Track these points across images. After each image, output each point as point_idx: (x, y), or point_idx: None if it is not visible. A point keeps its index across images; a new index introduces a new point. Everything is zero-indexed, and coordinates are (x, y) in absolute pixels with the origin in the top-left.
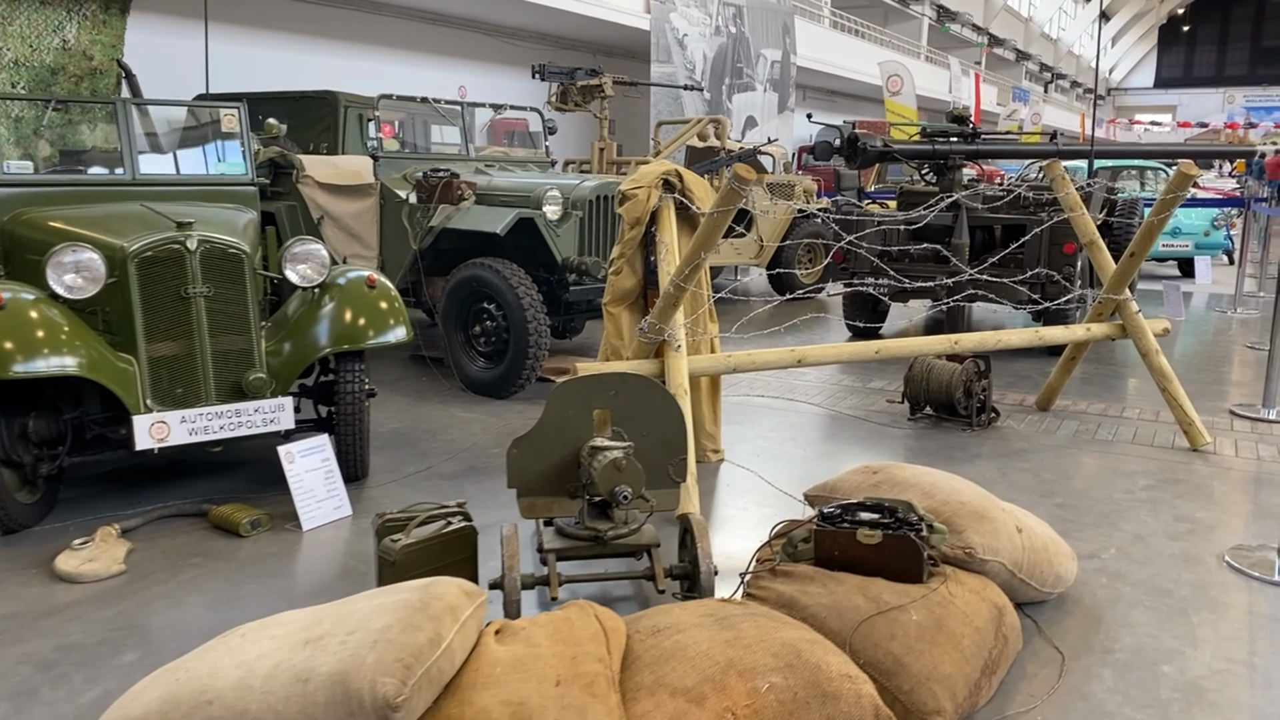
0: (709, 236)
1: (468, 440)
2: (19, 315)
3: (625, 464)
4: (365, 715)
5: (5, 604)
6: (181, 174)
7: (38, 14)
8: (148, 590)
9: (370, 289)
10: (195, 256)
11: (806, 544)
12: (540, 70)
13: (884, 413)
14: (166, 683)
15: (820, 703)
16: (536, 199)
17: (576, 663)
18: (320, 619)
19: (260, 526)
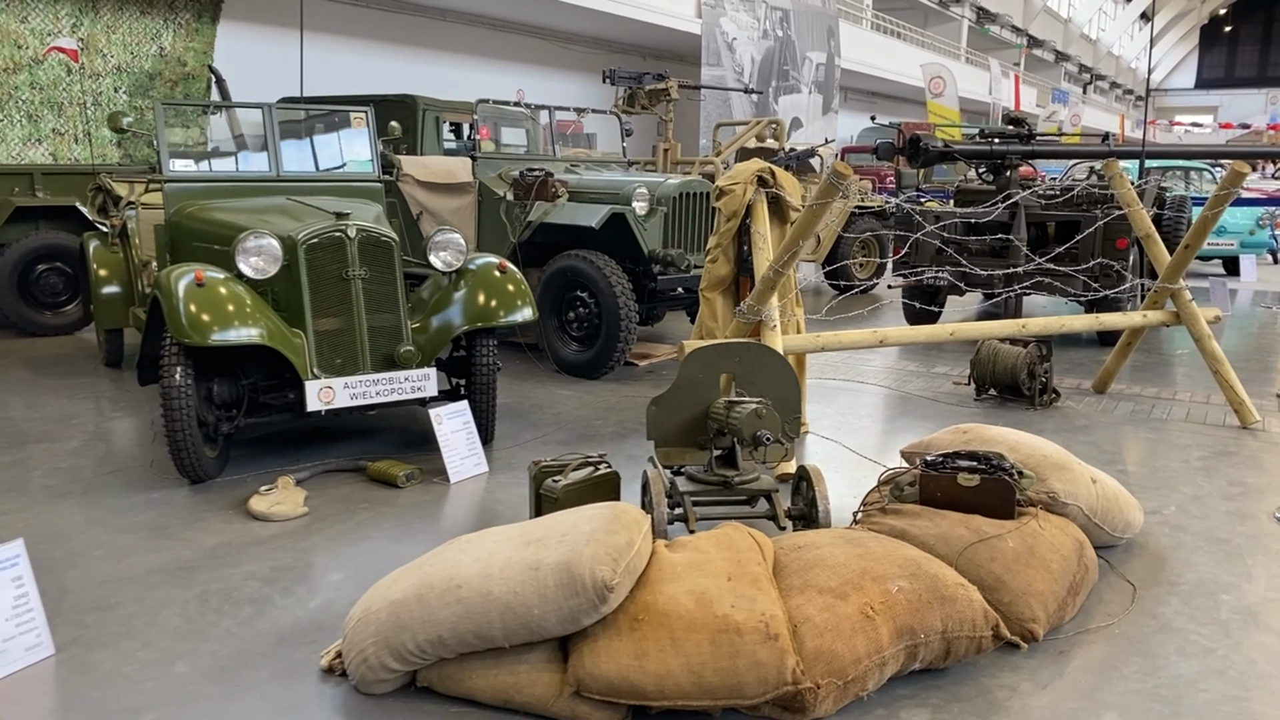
0: (807, 226)
1: (571, 414)
2: (215, 293)
3: (765, 412)
4: (587, 594)
5: (217, 536)
6: (319, 171)
7: (138, 23)
8: (331, 528)
9: (501, 274)
10: (354, 244)
11: (912, 487)
12: (610, 75)
13: (950, 394)
14: (414, 575)
15: (940, 604)
16: (626, 195)
17: (741, 565)
18: (532, 528)
19: (413, 479)
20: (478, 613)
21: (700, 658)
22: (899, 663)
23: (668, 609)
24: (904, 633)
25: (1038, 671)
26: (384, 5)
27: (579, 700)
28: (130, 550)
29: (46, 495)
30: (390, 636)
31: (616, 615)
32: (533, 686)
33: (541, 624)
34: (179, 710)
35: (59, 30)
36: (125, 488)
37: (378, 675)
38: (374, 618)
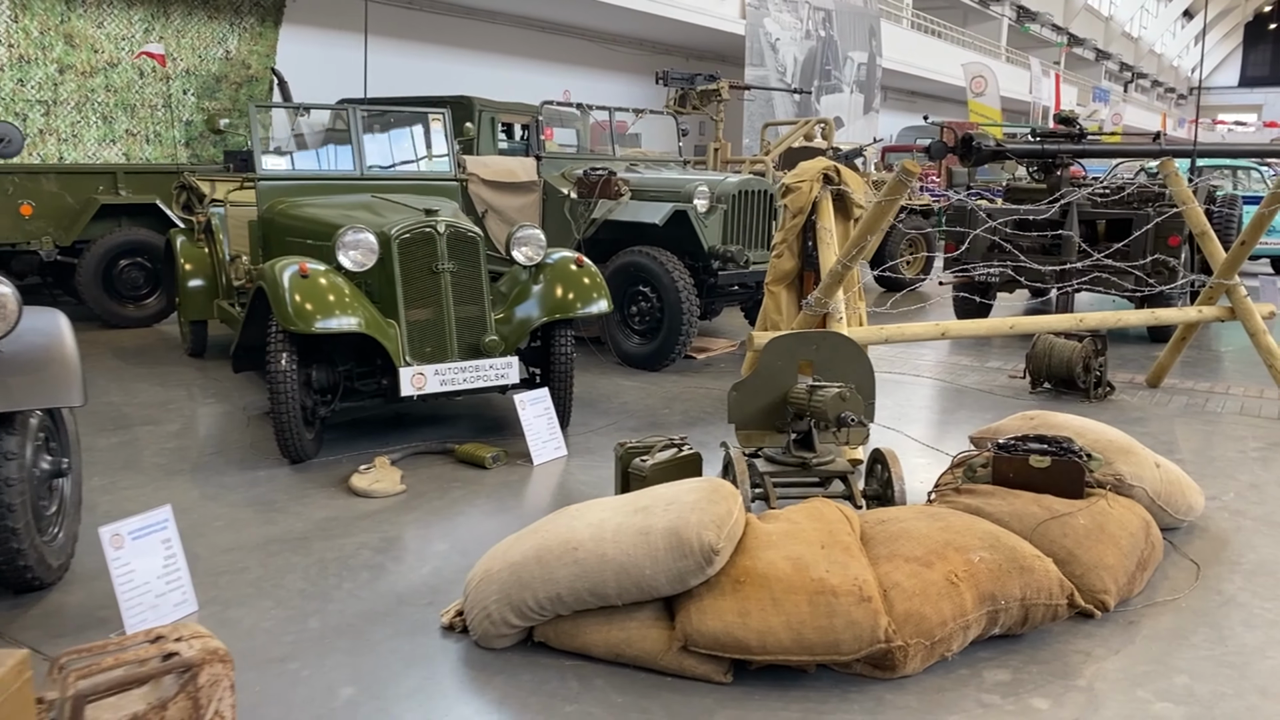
0: (876, 221)
1: (637, 403)
2: (317, 284)
3: (849, 395)
4: (694, 557)
5: (324, 510)
6: (399, 169)
7: (205, 27)
8: (429, 504)
9: (578, 268)
10: (444, 238)
11: (984, 469)
12: (663, 76)
13: (1006, 387)
14: (531, 540)
15: (1019, 573)
16: (687, 193)
17: (832, 534)
18: (637, 498)
19: (499, 461)
20: (594, 572)
21: (799, 616)
22: (980, 627)
23: (767, 572)
24: (986, 599)
25: (1109, 639)
26: (437, 8)
27: (686, 654)
28: (247, 522)
29: (160, 473)
30: (512, 594)
31: (719, 578)
32: (643, 641)
33: (652, 583)
34: (319, 660)
35: (132, 35)
36: (230, 466)
37: (499, 630)
38: (496, 577)
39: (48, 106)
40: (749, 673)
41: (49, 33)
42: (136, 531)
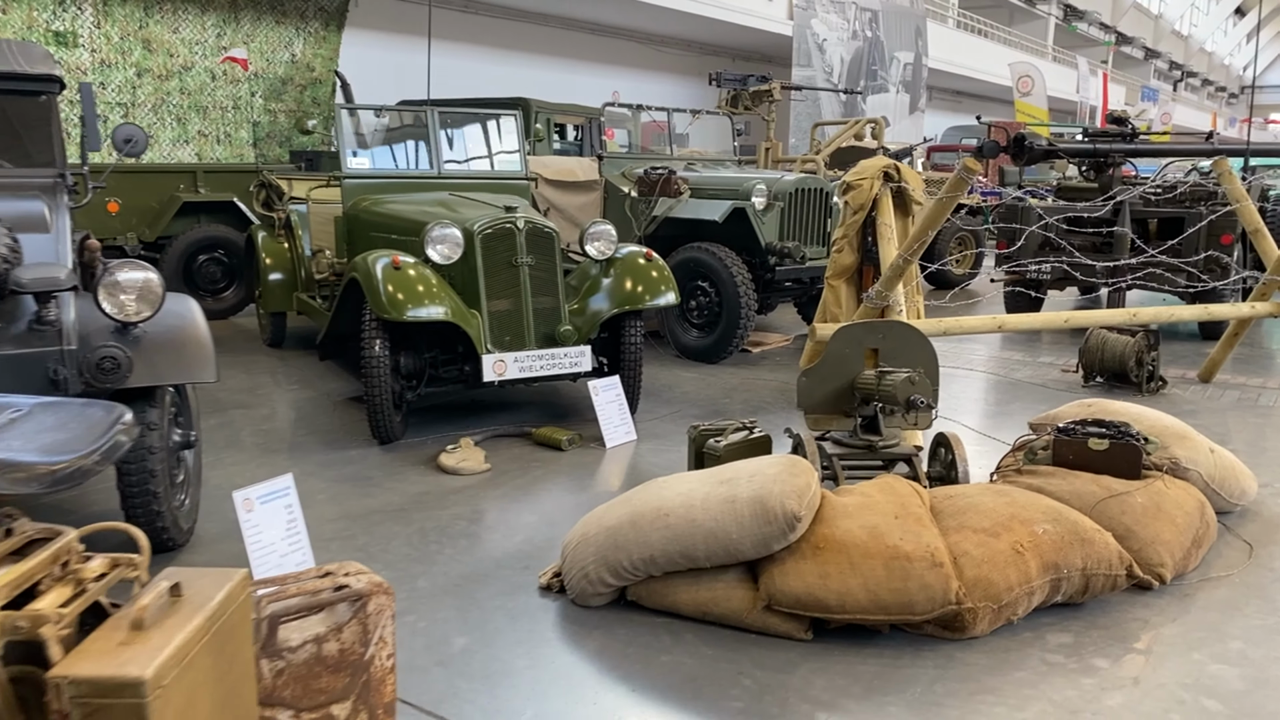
0: (937, 217)
1: (698, 393)
2: (408, 275)
3: (918, 379)
4: (778, 523)
5: (417, 485)
6: (474, 169)
7: (272, 32)
8: (513, 481)
9: (646, 262)
10: (523, 234)
11: (1045, 451)
12: (716, 78)
13: (1059, 380)
14: (623, 508)
15: (1081, 545)
16: (745, 191)
17: (905, 506)
18: (720, 472)
19: (574, 443)
20: (684, 536)
21: (876, 579)
22: (1044, 594)
23: (844, 539)
24: (1049, 568)
25: (1166, 609)
26: (492, 12)
27: (769, 613)
28: (347, 495)
29: (260, 451)
30: (609, 556)
31: (800, 544)
32: (728, 601)
33: (739, 547)
34: (431, 614)
35: (205, 39)
36: (323, 446)
37: (595, 589)
38: (592, 541)
39: (126, 109)
40: (827, 631)
41: (128, 38)
42: (264, 496)
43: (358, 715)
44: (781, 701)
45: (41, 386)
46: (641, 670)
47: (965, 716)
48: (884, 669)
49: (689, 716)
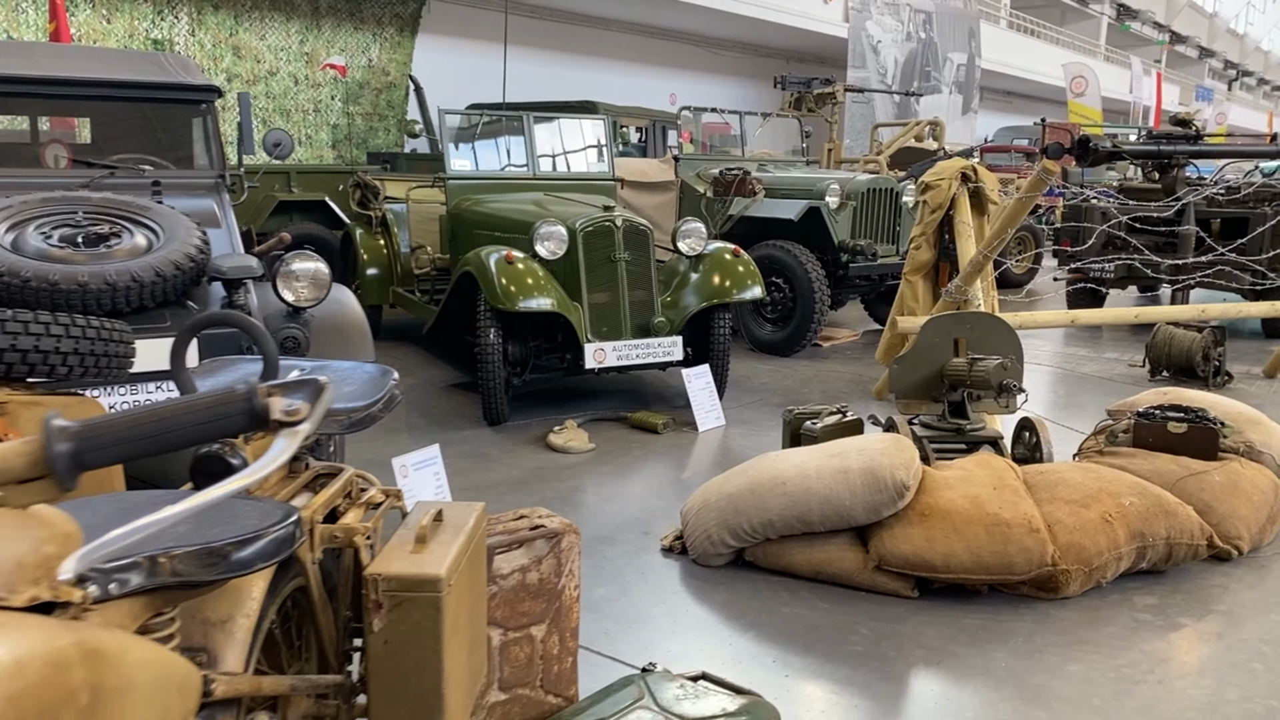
0: (1016, 215)
1: (776, 384)
2: (518, 269)
3: (1010, 365)
4: (888, 491)
5: (532, 461)
6: (566, 170)
7: (351, 38)
8: (617, 459)
9: (734, 257)
10: (620, 231)
11: (1125, 434)
12: (781, 80)
13: (1125, 375)
14: (741, 477)
15: (1164, 516)
16: (819, 191)
17: (1002, 479)
18: (828, 447)
19: (669, 427)
20: (800, 503)
21: (978, 542)
22: (1130, 560)
23: (948, 507)
24: (1135, 536)
25: (1244, 577)
26: (556, 17)
27: (879, 573)
28: (470, 469)
29: (382, 430)
30: (729, 520)
31: (906, 511)
32: (841, 561)
33: (851, 513)
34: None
35: (289, 45)
36: (438, 427)
37: (716, 550)
38: (714, 506)
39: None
40: (931, 590)
41: (220, 45)
42: (417, 464)
43: (551, 636)
44: (897, 647)
45: None
46: (766, 619)
47: (1064, 664)
48: (986, 622)
49: (814, 658)
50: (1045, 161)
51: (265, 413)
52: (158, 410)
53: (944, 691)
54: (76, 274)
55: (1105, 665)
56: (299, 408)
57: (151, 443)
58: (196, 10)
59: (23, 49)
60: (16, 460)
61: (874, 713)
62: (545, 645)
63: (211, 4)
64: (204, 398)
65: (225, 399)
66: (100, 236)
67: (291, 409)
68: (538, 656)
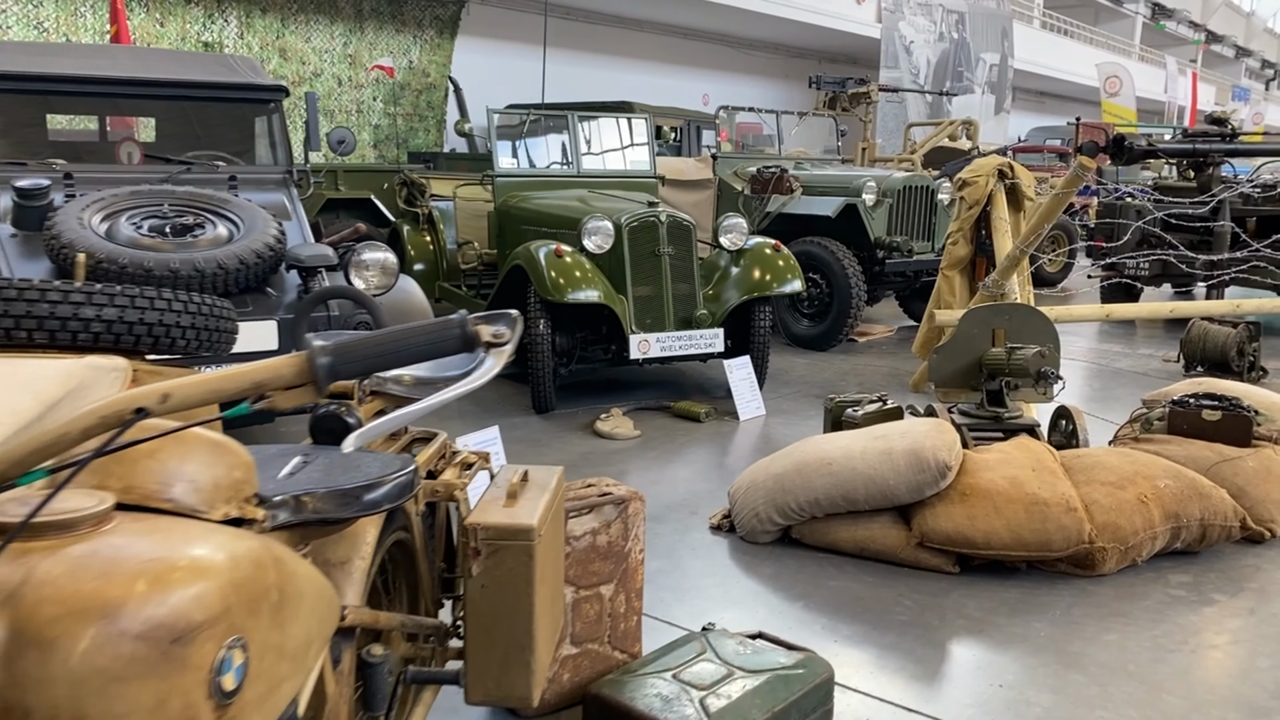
0: (1053, 211)
1: (813, 377)
2: (567, 262)
3: (1048, 353)
4: (931, 472)
5: (581, 447)
6: (609, 168)
7: (392, 40)
8: (662, 446)
9: (774, 252)
10: (664, 226)
11: (1160, 421)
12: (816, 80)
13: (1159, 370)
14: (787, 459)
15: (1199, 498)
16: (856, 188)
17: (1040, 461)
18: (872, 430)
19: (711, 416)
20: (846, 482)
21: (1018, 520)
22: (1165, 540)
23: (988, 488)
24: (1170, 516)
25: (1276, 558)
26: (591, 19)
27: (921, 549)
28: (523, 454)
29: (435, 419)
30: (777, 498)
31: (948, 491)
32: (884, 538)
33: (895, 492)
34: None
35: (333, 48)
36: (489, 415)
37: (764, 527)
38: (761, 485)
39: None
40: (970, 567)
41: (267, 47)
42: (478, 443)
43: (618, 596)
44: (940, 616)
45: None
46: (813, 591)
47: (1101, 633)
48: (1025, 595)
49: (861, 625)
50: (1081, 158)
51: (476, 337)
52: (391, 333)
53: (986, 656)
54: (168, 261)
55: (1140, 635)
56: (504, 332)
57: (386, 359)
58: (245, 14)
59: (104, 51)
60: (286, 369)
61: (919, 674)
62: (613, 604)
63: (259, 7)
64: (426, 324)
65: (444, 325)
66: (186, 227)
67: (499, 333)
68: (606, 614)
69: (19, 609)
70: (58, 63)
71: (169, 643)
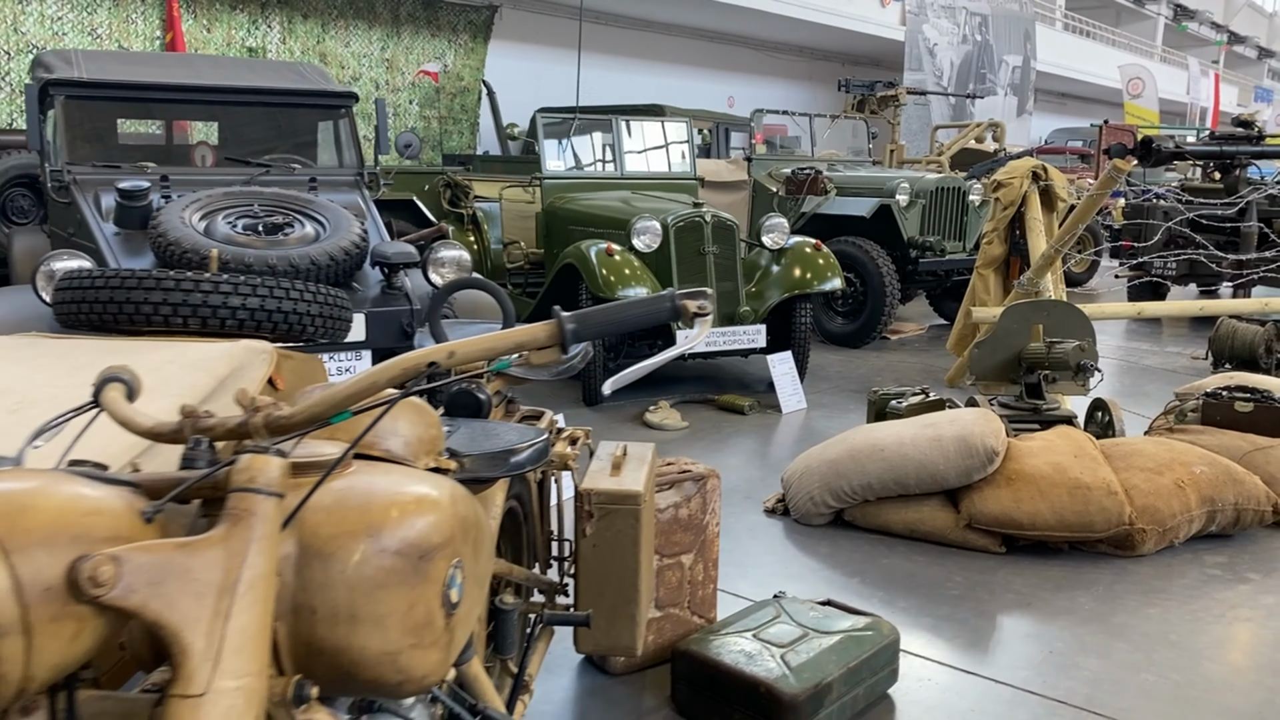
0: (1087, 212)
1: (849, 373)
2: (617, 260)
3: (1087, 347)
4: (979, 457)
5: (631, 437)
6: (651, 170)
7: (428, 44)
8: (710, 436)
9: (815, 251)
10: (709, 226)
11: (1194, 413)
12: (845, 84)
13: (1188, 367)
14: (839, 445)
15: (1233, 484)
16: (890, 189)
17: (1082, 448)
18: (921, 419)
19: (754, 409)
20: (897, 467)
21: (1061, 503)
22: (1201, 523)
23: (1033, 473)
24: (1206, 501)
25: None
26: (619, 23)
27: (969, 530)
28: None
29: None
30: (831, 482)
31: (995, 475)
32: (934, 520)
33: (944, 476)
34: None
35: (370, 52)
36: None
37: (818, 510)
38: (815, 470)
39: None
40: (1016, 547)
41: (308, 52)
42: None
43: (697, 565)
44: (989, 591)
45: (396, 337)
46: (868, 568)
47: (1143, 607)
48: (1069, 573)
49: (916, 598)
50: (1116, 161)
51: (684, 309)
52: (616, 305)
53: (1035, 626)
54: (266, 257)
55: (1180, 609)
56: (705, 304)
57: (613, 326)
58: (287, 20)
59: (184, 60)
60: (541, 333)
61: (974, 641)
62: (692, 572)
63: (301, 14)
64: (643, 299)
65: (658, 299)
66: (276, 226)
67: (702, 305)
68: (686, 581)
69: (304, 530)
70: (151, 71)
71: (417, 559)
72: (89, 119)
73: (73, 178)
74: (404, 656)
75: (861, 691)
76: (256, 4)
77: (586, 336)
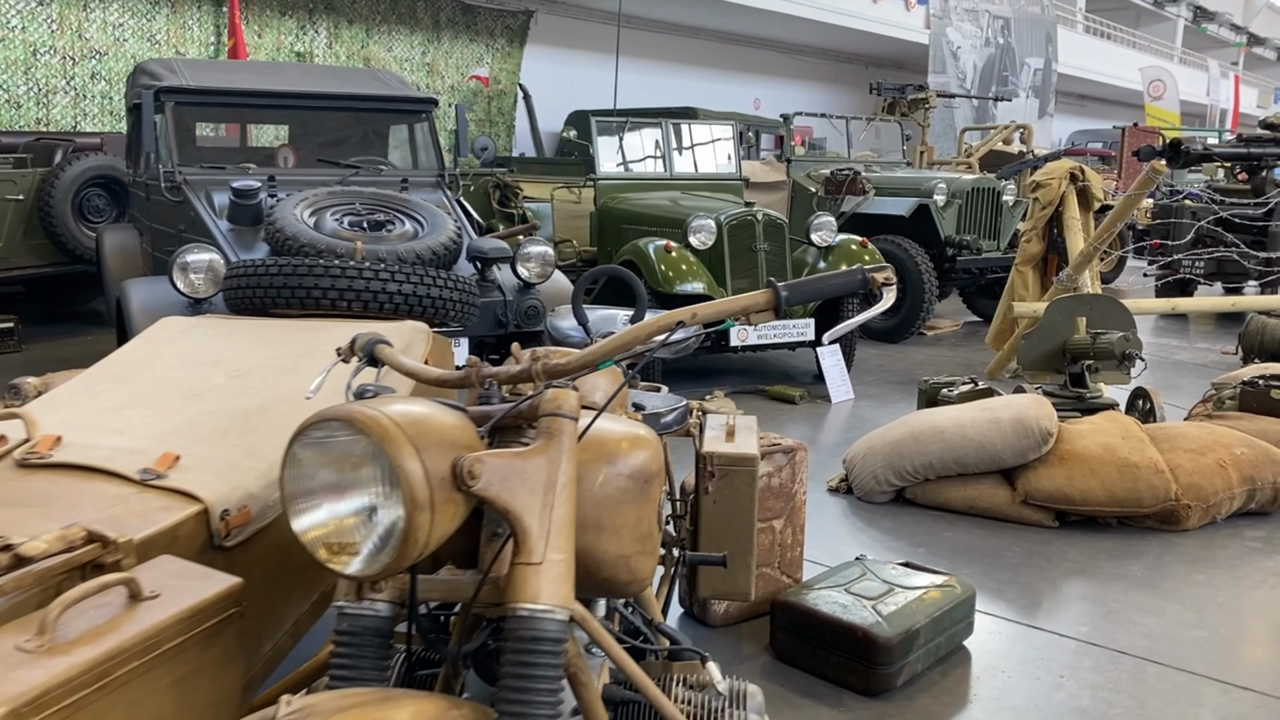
0: (1125, 211)
1: (890, 366)
2: (674, 256)
3: (1131, 338)
4: (1034, 437)
5: None
6: (699, 170)
7: (467, 49)
8: (765, 424)
9: (860, 247)
10: (760, 224)
11: (1232, 400)
12: (877, 87)
13: (1218, 362)
14: (901, 428)
15: (1271, 464)
16: (927, 189)
17: (1129, 431)
18: (976, 403)
19: (804, 399)
20: (957, 447)
21: (1111, 480)
22: (1241, 501)
23: (1084, 453)
24: (1246, 479)
25: None
26: (649, 27)
27: (1025, 506)
28: None
29: None
30: (894, 462)
31: (1048, 455)
32: (991, 497)
33: (1001, 456)
34: None
35: (411, 56)
36: None
37: (881, 488)
38: (878, 451)
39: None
40: (1067, 522)
41: (353, 57)
42: None
43: (787, 529)
44: (1046, 559)
45: (491, 325)
46: (932, 540)
47: (1190, 574)
48: (1119, 545)
49: (980, 566)
50: (1154, 163)
51: (874, 280)
52: (817, 277)
53: (1091, 590)
54: (376, 252)
55: (1225, 576)
56: (891, 277)
57: (816, 294)
58: (333, 26)
59: (276, 69)
60: (760, 299)
61: (1037, 602)
62: (782, 535)
63: (347, 19)
64: (838, 273)
65: (850, 274)
66: (379, 223)
67: (888, 278)
68: (777, 544)
69: None
70: (249, 79)
71: (643, 482)
72: (193, 123)
73: (184, 178)
74: (634, 560)
75: (943, 640)
76: (305, 10)
77: (794, 301)
